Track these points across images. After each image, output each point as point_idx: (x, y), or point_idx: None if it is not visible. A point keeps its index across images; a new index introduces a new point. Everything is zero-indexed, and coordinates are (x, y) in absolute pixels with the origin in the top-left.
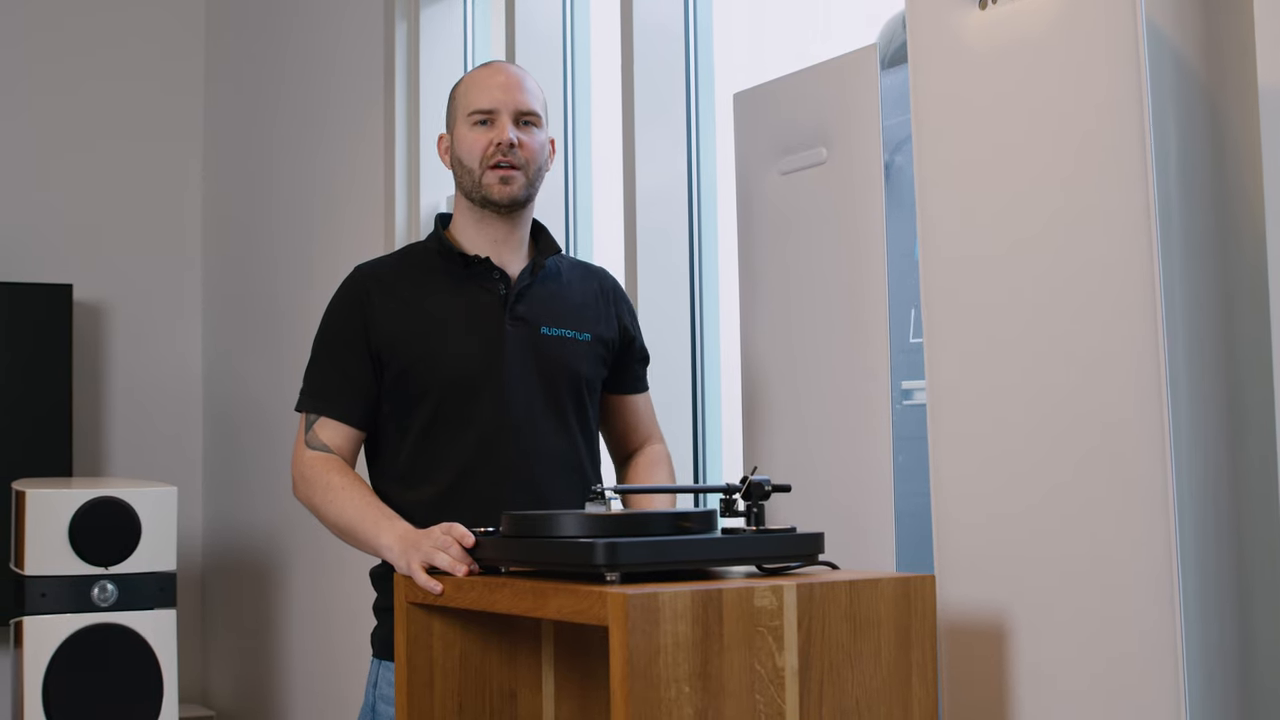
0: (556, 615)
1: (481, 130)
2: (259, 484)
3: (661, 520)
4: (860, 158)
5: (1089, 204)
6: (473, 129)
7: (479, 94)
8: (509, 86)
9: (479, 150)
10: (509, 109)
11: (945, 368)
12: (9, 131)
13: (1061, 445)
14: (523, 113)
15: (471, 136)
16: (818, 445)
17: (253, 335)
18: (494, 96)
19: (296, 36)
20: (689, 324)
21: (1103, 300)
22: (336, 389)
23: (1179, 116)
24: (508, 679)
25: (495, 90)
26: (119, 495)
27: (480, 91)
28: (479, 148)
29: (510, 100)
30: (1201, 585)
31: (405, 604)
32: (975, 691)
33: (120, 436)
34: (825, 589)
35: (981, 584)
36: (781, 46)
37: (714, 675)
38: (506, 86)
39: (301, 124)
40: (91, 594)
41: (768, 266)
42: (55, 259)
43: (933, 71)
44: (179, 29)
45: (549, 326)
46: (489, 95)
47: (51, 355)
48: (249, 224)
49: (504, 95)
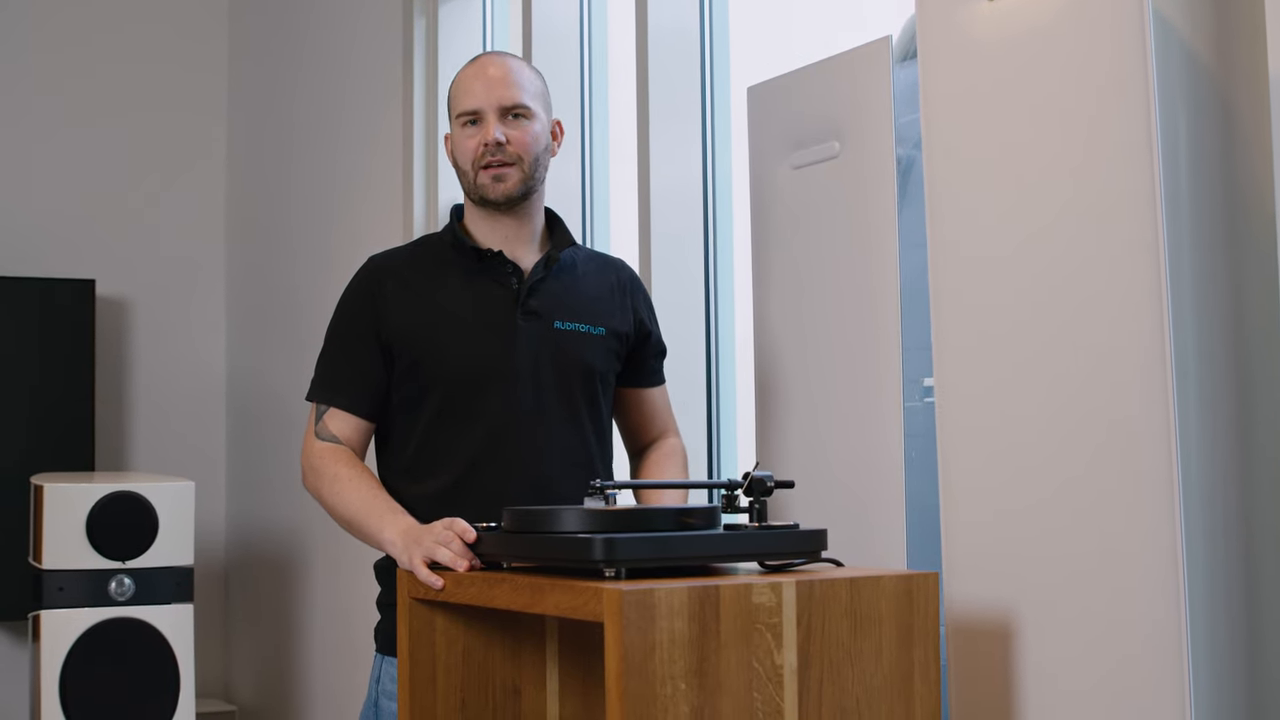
0: (554, 611)
1: (471, 130)
2: (280, 479)
3: (663, 516)
4: (872, 151)
5: (1097, 196)
6: (463, 130)
7: (463, 95)
8: (491, 83)
9: (470, 152)
10: (493, 106)
11: (952, 363)
12: (33, 129)
13: (1069, 441)
14: (507, 108)
15: (462, 138)
16: (830, 439)
17: (274, 330)
18: (477, 96)
19: (316, 34)
20: (703, 318)
21: (1110, 294)
22: (347, 379)
23: (1188, 108)
24: (511, 675)
25: (478, 89)
26: (136, 490)
27: (464, 92)
28: (470, 149)
29: (493, 97)
30: (1208, 584)
31: (408, 599)
32: (980, 690)
33: (142, 431)
34: (825, 586)
35: (987, 581)
36: (797, 41)
37: (711, 672)
38: (489, 83)
39: (321, 120)
40: (109, 588)
41: (781, 261)
42: (78, 254)
43: (941, 64)
44: (203, 32)
45: (562, 320)
46: (471, 96)
47: (74, 350)
48: (270, 219)
49: (486, 93)
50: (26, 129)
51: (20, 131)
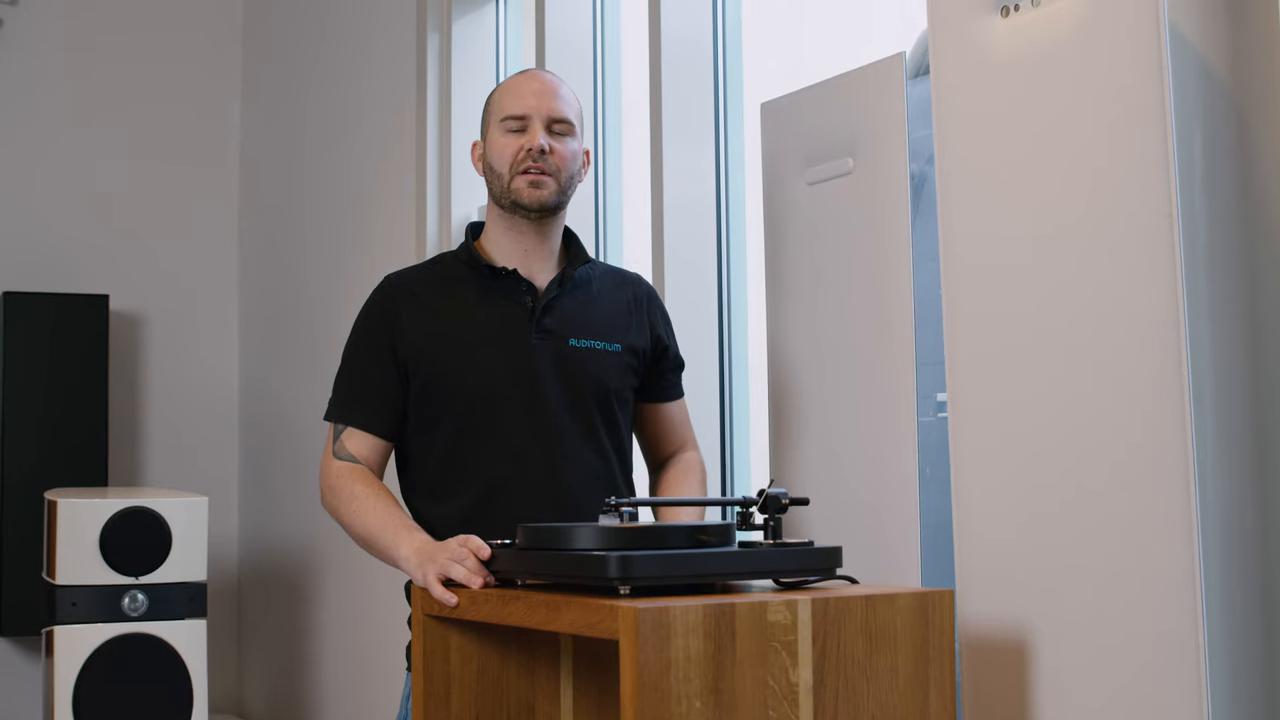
0: (569, 629)
1: (513, 136)
2: (294, 495)
3: (677, 533)
4: (886, 167)
5: (1112, 212)
6: (505, 134)
7: (513, 99)
8: (543, 93)
9: (509, 155)
10: (542, 115)
11: (965, 378)
12: (47, 144)
13: (1083, 456)
14: (556, 120)
15: (503, 141)
16: (845, 456)
17: (288, 345)
18: (527, 102)
19: (330, 49)
20: (717, 333)
21: (1125, 309)
22: (363, 399)
23: (1203, 123)
24: (526, 692)
25: (529, 96)
26: (150, 505)
27: (514, 97)
28: (510, 152)
29: (543, 107)
30: (1226, 600)
31: (423, 616)
32: (996, 707)
33: (156, 447)
34: (841, 603)
35: (1003, 598)
36: (811, 57)
37: (726, 690)
38: (540, 93)
39: (335, 135)
40: (122, 604)
41: (795, 276)
42: (91, 270)
43: (955, 80)
44: (217, 47)
45: (577, 338)
46: (522, 101)
47: (88, 366)
48: (284, 235)
49: (537, 101)
50: (40, 146)
51: (34, 148)
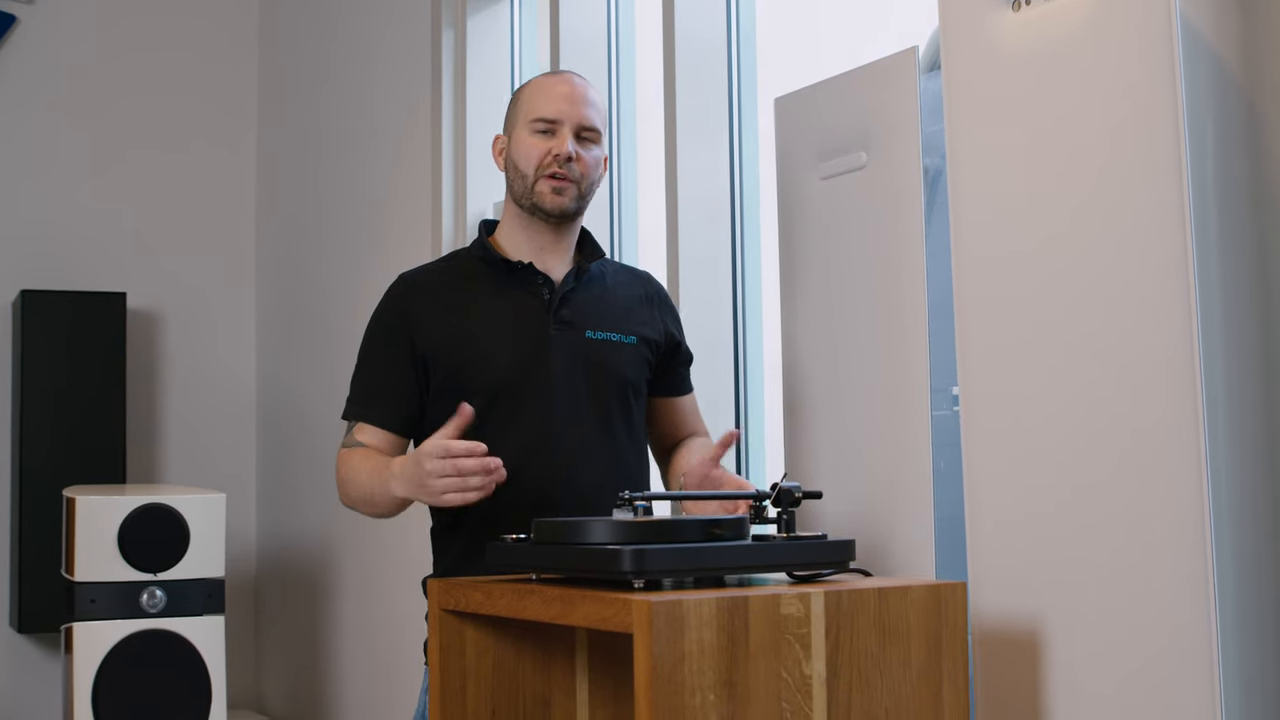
0: (584, 622)
1: (542, 138)
2: (312, 491)
3: (691, 527)
4: (900, 161)
5: (1123, 205)
6: (533, 135)
7: (544, 102)
8: (575, 99)
9: (536, 157)
10: (572, 121)
11: (978, 371)
12: (64, 141)
13: (1096, 447)
14: (585, 127)
15: (530, 142)
16: (858, 449)
17: (305, 342)
18: (559, 107)
19: (345, 46)
20: (731, 328)
21: (1137, 302)
22: (378, 396)
23: (1215, 116)
24: (541, 686)
25: (561, 101)
26: (167, 502)
27: (546, 99)
28: (536, 155)
29: (575, 113)
30: (1238, 590)
31: (438, 611)
32: (1009, 699)
33: (174, 444)
34: (854, 596)
35: (1015, 590)
36: (824, 52)
37: (740, 683)
38: (572, 98)
39: (350, 133)
40: (140, 600)
41: (809, 271)
42: (109, 267)
43: (966, 73)
44: (233, 46)
45: (594, 330)
46: (554, 105)
47: (106, 363)
48: (301, 232)
49: (569, 107)
50: (57, 144)
51: (51, 146)
